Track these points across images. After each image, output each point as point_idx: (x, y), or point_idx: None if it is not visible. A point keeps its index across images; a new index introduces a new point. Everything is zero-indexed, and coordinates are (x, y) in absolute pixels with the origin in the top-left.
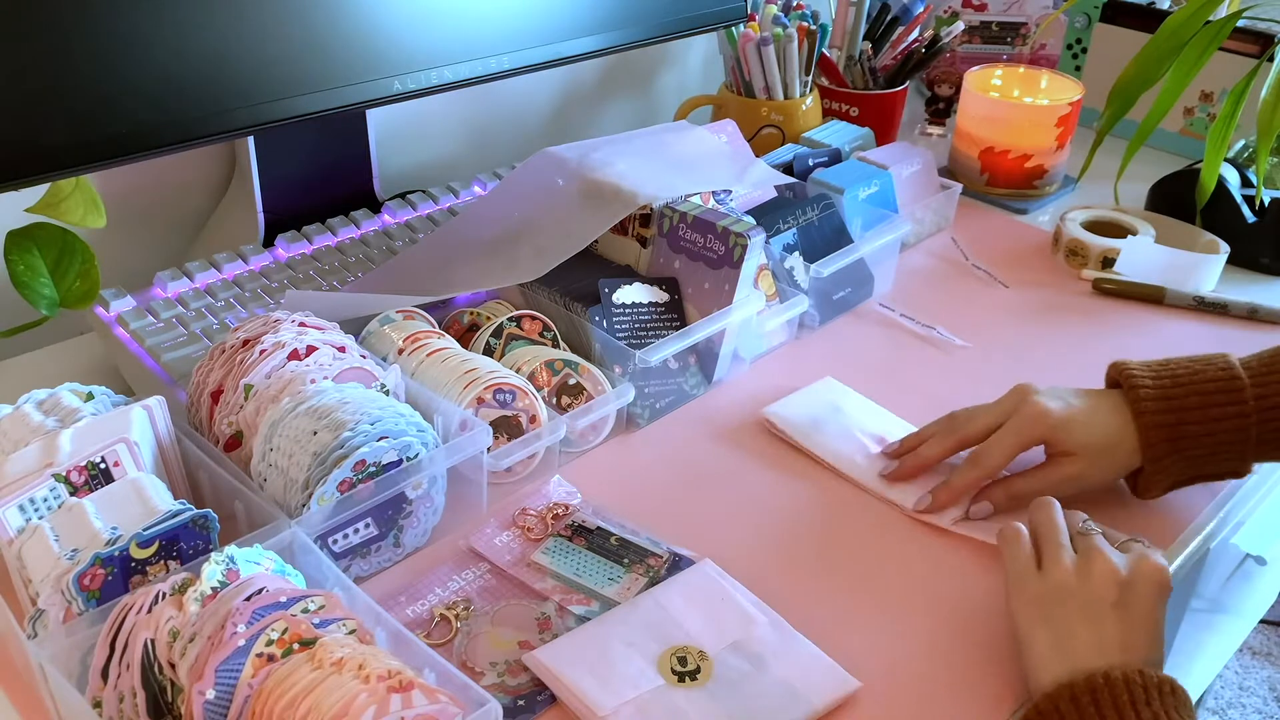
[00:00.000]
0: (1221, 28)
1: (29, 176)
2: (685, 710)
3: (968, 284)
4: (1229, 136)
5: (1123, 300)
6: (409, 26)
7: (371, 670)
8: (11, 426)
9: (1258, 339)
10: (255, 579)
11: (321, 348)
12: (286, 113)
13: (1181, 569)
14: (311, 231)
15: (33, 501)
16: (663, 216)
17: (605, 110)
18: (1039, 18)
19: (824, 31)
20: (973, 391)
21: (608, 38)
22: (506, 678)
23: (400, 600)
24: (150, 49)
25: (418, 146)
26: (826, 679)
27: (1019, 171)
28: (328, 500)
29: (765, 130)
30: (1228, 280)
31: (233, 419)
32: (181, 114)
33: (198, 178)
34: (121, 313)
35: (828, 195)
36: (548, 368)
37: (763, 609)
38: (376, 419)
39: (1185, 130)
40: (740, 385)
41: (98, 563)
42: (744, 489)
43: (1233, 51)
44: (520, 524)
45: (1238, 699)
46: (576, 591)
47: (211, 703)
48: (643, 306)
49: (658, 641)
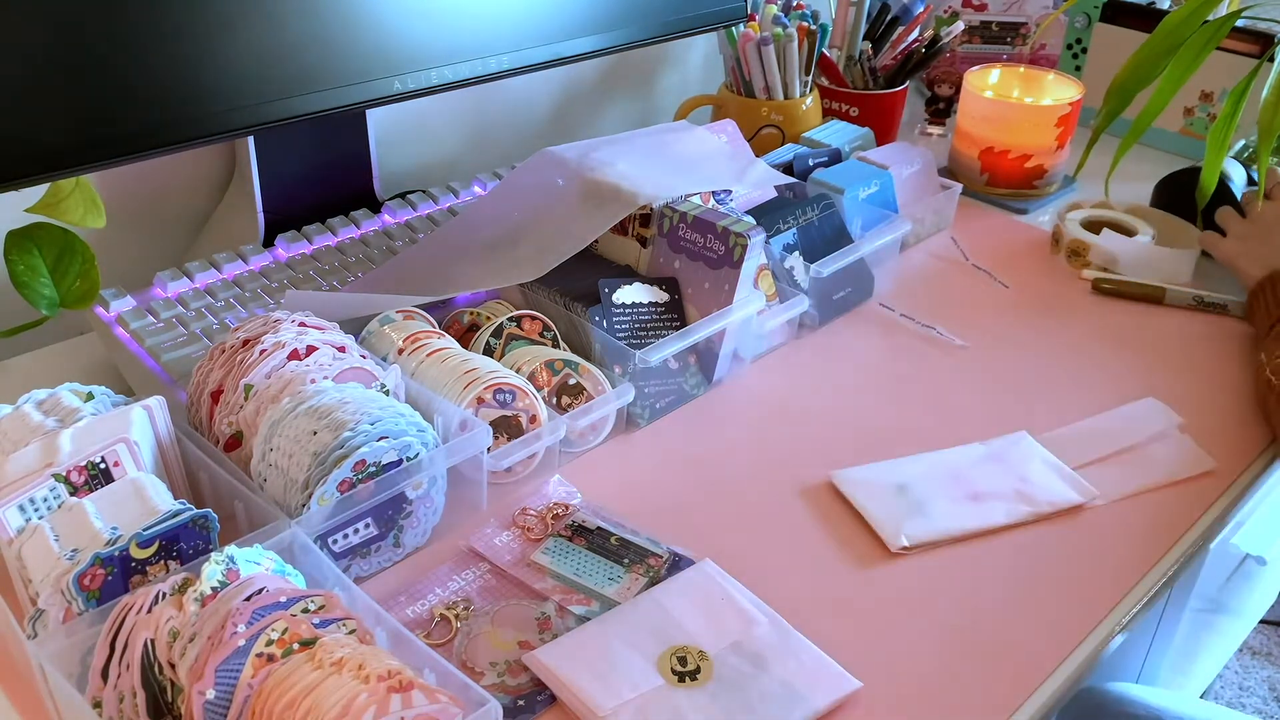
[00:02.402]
0: (1220, 27)
1: (29, 176)
2: (685, 710)
3: (968, 284)
4: (1229, 137)
5: (1123, 300)
6: (409, 26)
7: (371, 670)
8: (11, 426)
9: None
10: (255, 579)
11: (321, 348)
12: (286, 113)
13: (1182, 569)
14: (311, 231)
15: (33, 501)
16: (663, 216)
17: (605, 110)
18: (1039, 18)
19: (824, 31)
20: (973, 391)
21: (608, 38)
22: (506, 678)
23: (400, 600)
24: (150, 49)
25: (418, 146)
26: (826, 679)
27: (1019, 171)
28: (328, 500)
29: (765, 130)
30: (1228, 280)
31: (233, 419)
32: (181, 114)
33: (198, 178)
34: (121, 313)
35: (828, 195)
36: (548, 368)
37: (763, 609)
38: (376, 419)
39: (1185, 130)
40: (740, 385)
41: (98, 563)
42: (744, 489)
43: (1233, 51)
44: (520, 524)
45: (1238, 699)
46: (576, 591)
47: (211, 703)
48: (643, 306)
49: (658, 641)
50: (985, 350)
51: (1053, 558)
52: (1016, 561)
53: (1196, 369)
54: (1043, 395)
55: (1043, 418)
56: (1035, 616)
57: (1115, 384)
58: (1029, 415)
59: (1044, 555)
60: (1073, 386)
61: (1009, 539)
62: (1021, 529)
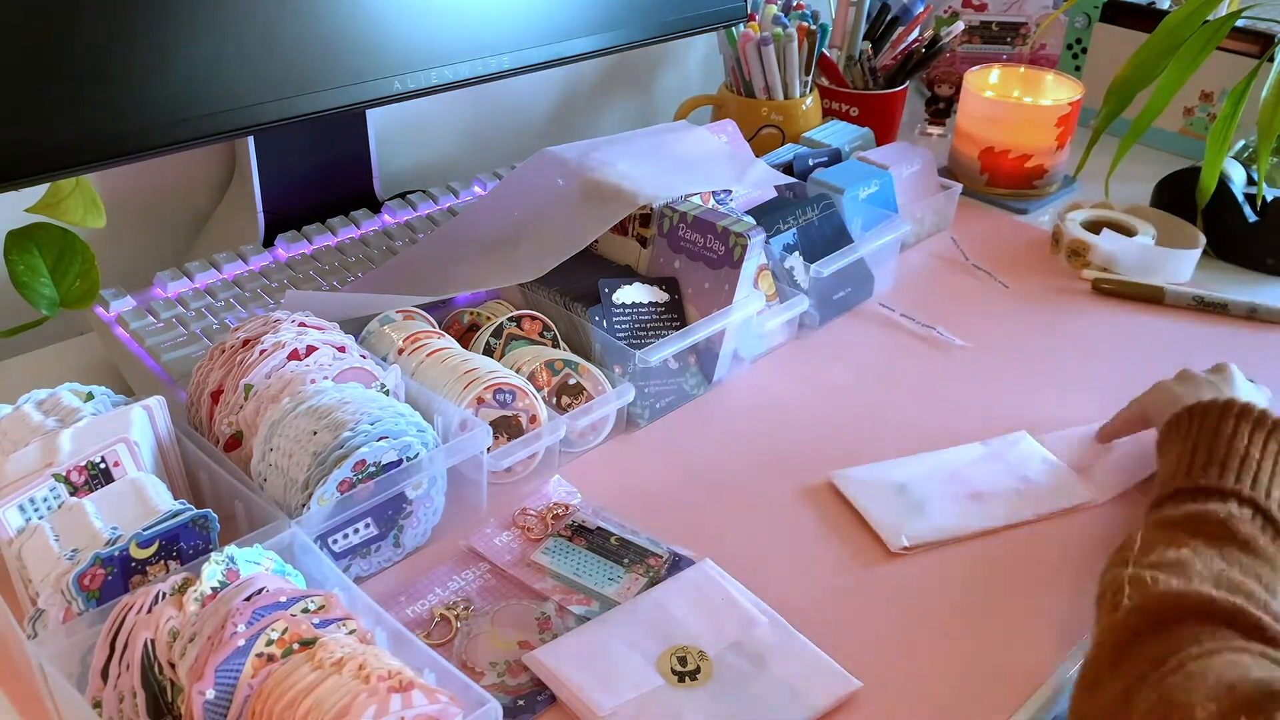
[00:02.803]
0: (1220, 27)
1: (29, 176)
2: (685, 710)
3: (968, 284)
4: (1229, 137)
5: (1122, 300)
6: (409, 26)
7: (372, 670)
8: (11, 426)
9: (1258, 339)
10: (255, 579)
11: (321, 348)
12: (286, 113)
13: None
14: (311, 231)
15: (33, 501)
16: (663, 216)
17: (605, 110)
18: (1039, 18)
19: (824, 31)
20: (973, 391)
21: (608, 38)
22: (506, 678)
23: (400, 600)
24: (150, 49)
25: (418, 146)
26: (826, 679)
27: (1019, 171)
28: (328, 500)
29: (765, 130)
30: (1228, 280)
31: (233, 419)
32: (181, 114)
33: (198, 178)
34: (121, 313)
35: (828, 195)
36: (548, 368)
37: (763, 609)
38: (376, 419)
39: (1185, 130)
40: (740, 385)
41: (98, 563)
42: (744, 489)
43: (1233, 51)
44: (520, 524)
45: None
46: (576, 591)
47: (211, 703)
48: (643, 306)
49: (658, 641)
50: (985, 350)
51: (1053, 558)
52: (1016, 561)
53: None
54: (1043, 395)
55: (1043, 418)
56: (1036, 616)
57: (1115, 384)
58: (1029, 415)
59: (1044, 555)
60: (1073, 386)
61: (1009, 538)
62: (1021, 529)
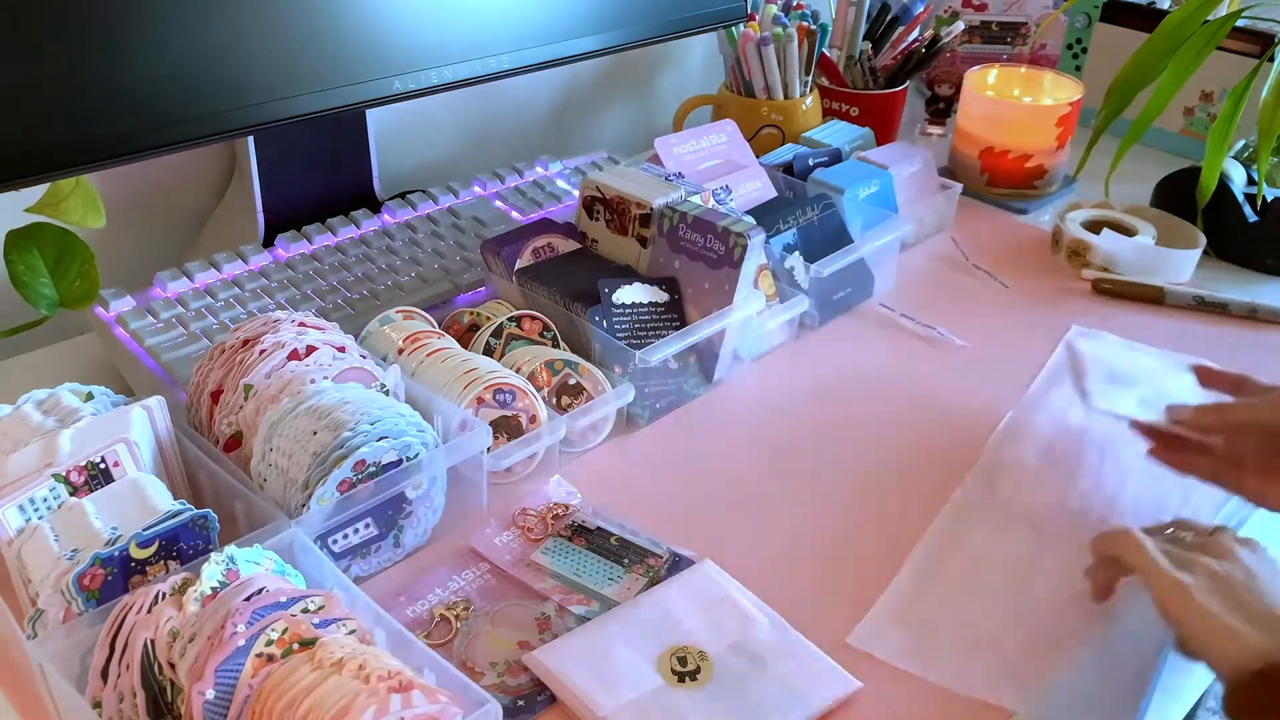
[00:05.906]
0: (1220, 27)
1: (29, 176)
2: (685, 710)
3: (968, 284)
4: (1230, 137)
5: (1122, 300)
6: (409, 26)
7: (371, 670)
8: (11, 426)
9: (1258, 339)
10: (255, 579)
11: (321, 348)
12: (286, 113)
13: None
14: (311, 231)
15: (33, 501)
16: (662, 216)
17: (605, 110)
18: (1039, 18)
19: (824, 31)
20: (973, 391)
21: (608, 38)
22: (506, 678)
23: (400, 600)
24: (150, 49)
25: (418, 146)
26: (826, 679)
27: (1019, 171)
28: (328, 500)
29: (765, 130)
30: (1228, 280)
31: (233, 419)
32: (181, 114)
33: (198, 178)
34: (121, 313)
35: (828, 195)
36: (548, 368)
37: (763, 609)
38: (376, 419)
39: (1185, 130)
40: (740, 385)
41: (97, 563)
42: (744, 489)
43: (1233, 51)
44: (520, 524)
45: None
46: (576, 591)
47: (211, 703)
48: (643, 306)
49: (658, 641)
50: (985, 350)
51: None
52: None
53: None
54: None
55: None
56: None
57: None
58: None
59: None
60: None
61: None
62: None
